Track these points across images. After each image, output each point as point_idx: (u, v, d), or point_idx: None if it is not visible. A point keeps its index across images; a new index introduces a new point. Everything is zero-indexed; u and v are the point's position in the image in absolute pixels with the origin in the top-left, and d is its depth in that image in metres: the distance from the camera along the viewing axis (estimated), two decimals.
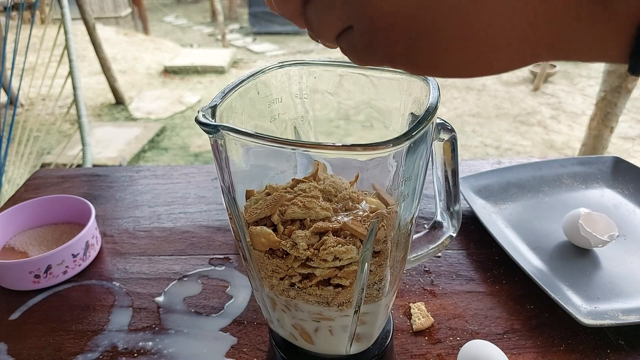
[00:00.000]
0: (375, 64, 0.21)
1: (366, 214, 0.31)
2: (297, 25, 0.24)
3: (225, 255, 0.60)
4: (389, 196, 0.32)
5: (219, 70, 4.50)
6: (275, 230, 0.30)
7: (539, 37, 0.17)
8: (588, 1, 0.16)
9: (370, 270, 0.30)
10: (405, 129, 0.26)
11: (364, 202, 0.33)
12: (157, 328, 0.49)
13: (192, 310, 0.52)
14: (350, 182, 0.35)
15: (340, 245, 0.29)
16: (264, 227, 0.30)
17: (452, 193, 0.38)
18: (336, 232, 0.30)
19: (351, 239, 0.29)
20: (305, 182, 0.33)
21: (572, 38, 0.17)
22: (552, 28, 0.17)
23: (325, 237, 0.29)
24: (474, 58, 0.19)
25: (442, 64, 0.19)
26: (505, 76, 4.13)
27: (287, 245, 0.29)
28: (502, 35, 0.18)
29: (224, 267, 0.58)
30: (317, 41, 0.25)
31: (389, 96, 0.35)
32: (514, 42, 0.18)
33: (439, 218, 0.40)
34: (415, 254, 0.40)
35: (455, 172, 0.37)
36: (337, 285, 0.30)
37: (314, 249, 0.29)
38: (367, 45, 0.20)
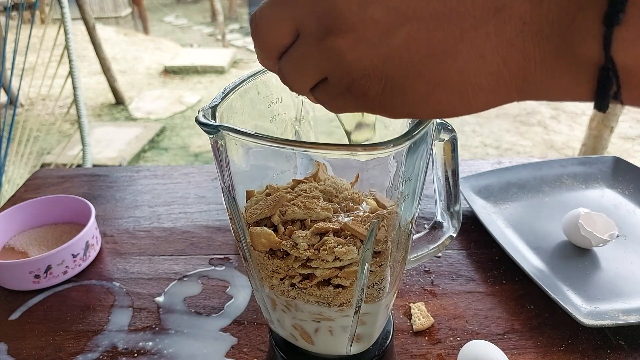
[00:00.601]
0: (352, 111, 0.22)
1: (366, 214, 0.31)
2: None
3: (225, 255, 0.60)
4: (387, 200, 0.32)
5: (219, 70, 4.50)
6: (275, 230, 0.30)
7: (510, 77, 0.18)
8: (550, 46, 0.17)
9: (370, 271, 0.30)
10: (406, 129, 0.26)
11: (364, 203, 0.33)
12: (157, 328, 0.49)
13: (192, 310, 0.52)
14: (350, 183, 0.35)
15: (341, 245, 0.29)
16: (265, 228, 0.30)
17: (452, 193, 0.38)
18: (336, 233, 0.30)
19: (351, 240, 0.29)
20: (306, 182, 0.33)
21: (540, 80, 0.18)
22: (520, 72, 0.18)
23: (325, 238, 0.29)
24: (451, 101, 0.19)
25: (420, 108, 0.20)
26: None
27: (288, 246, 0.29)
28: (476, 78, 0.18)
29: (224, 267, 0.58)
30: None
31: None
32: (488, 84, 0.18)
33: (439, 218, 0.40)
34: (416, 254, 0.40)
35: (455, 172, 0.37)
36: (337, 286, 0.30)
37: (315, 250, 0.29)
38: (343, 95, 0.21)
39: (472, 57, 0.18)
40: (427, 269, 0.56)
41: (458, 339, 0.47)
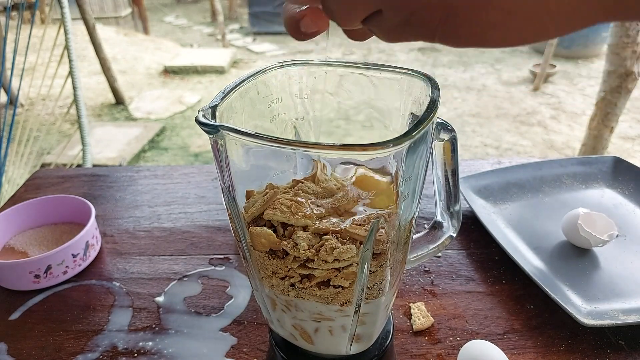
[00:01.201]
0: (410, 40, 0.20)
1: (366, 215, 0.31)
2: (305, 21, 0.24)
3: (225, 255, 0.60)
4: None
5: (219, 70, 4.50)
6: (275, 231, 0.30)
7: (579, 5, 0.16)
8: None
9: (370, 271, 0.30)
10: (406, 129, 0.26)
11: (362, 204, 0.33)
12: (157, 328, 0.49)
13: (192, 310, 0.52)
14: (348, 179, 0.35)
15: (341, 245, 0.29)
16: (264, 228, 0.30)
17: (452, 193, 0.38)
18: (337, 233, 0.30)
19: (351, 240, 0.29)
20: (304, 182, 0.34)
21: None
22: None
23: (326, 237, 0.29)
24: (523, 29, 0.17)
25: (488, 38, 0.18)
26: (505, 76, 4.14)
27: (289, 246, 0.29)
28: (555, 3, 0.16)
29: (224, 267, 0.58)
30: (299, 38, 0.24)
31: (389, 96, 0.35)
32: (567, 8, 0.16)
33: (439, 218, 0.40)
34: (416, 254, 0.40)
35: (455, 172, 0.37)
36: (337, 286, 0.30)
37: (315, 250, 0.29)
38: (401, 26, 0.19)
39: None
40: (427, 269, 0.56)
41: (458, 338, 0.47)
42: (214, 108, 0.29)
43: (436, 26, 0.18)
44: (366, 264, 0.29)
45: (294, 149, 0.26)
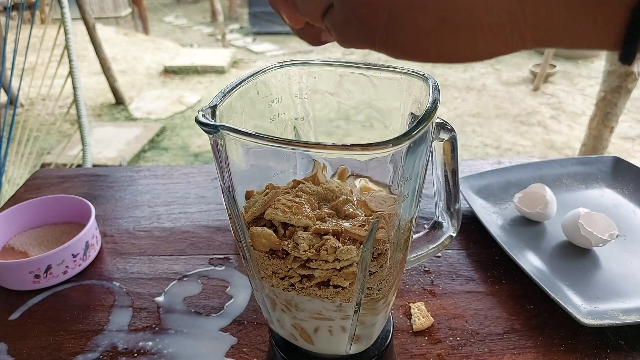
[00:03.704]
0: (357, 44, 0.20)
1: (366, 217, 0.31)
2: (283, 15, 0.24)
3: (225, 255, 0.60)
4: (381, 201, 0.31)
5: (219, 70, 4.50)
6: (275, 231, 0.30)
7: (524, 16, 0.16)
8: None
9: (370, 271, 0.30)
10: (405, 129, 0.26)
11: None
12: (157, 328, 0.49)
13: (192, 310, 0.52)
14: (341, 177, 0.35)
15: (341, 245, 0.29)
16: (265, 228, 0.30)
17: (452, 193, 0.38)
18: (337, 234, 0.30)
19: (352, 241, 0.29)
20: (305, 183, 0.34)
21: (559, 20, 0.16)
22: (538, 7, 0.16)
23: (326, 237, 0.29)
24: (456, 41, 0.17)
25: (423, 47, 0.18)
26: (505, 76, 4.14)
27: (289, 246, 0.29)
28: (487, 15, 0.16)
29: (224, 267, 0.58)
30: (304, 38, 0.25)
31: (389, 96, 0.35)
32: (499, 21, 0.17)
33: (439, 218, 0.40)
34: (415, 254, 0.40)
35: (455, 172, 0.37)
36: (337, 286, 0.30)
37: (315, 250, 0.29)
38: (346, 23, 0.19)
39: None
40: (427, 269, 0.56)
41: (458, 338, 0.47)
42: (213, 108, 0.29)
43: (376, 28, 0.18)
44: (366, 264, 0.29)
45: (294, 149, 0.26)
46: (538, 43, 0.17)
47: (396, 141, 0.25)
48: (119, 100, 3.71)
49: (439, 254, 0.58)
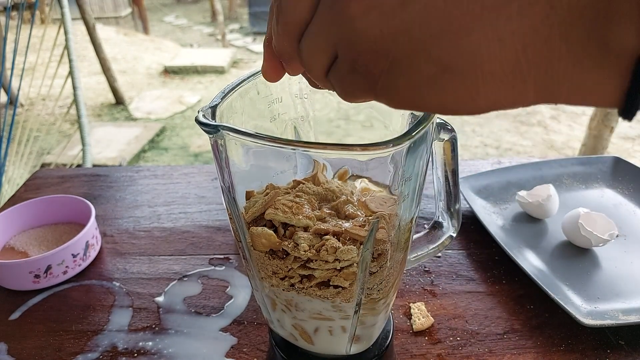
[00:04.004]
0: (359, 95, 0.20)
1: (366, 217, 0.31)
2: (289, 69, 0.25)
3: (225, 255, 0.60)
4: (382, 202, 0.31)
5: (219, 70, 4.50)
6: (276, 231, 0.30)
7: (528, 67, 0.16)
8: (579, 35, 0.15)
9: (370, 272, 0.30)
10: (406, 129, 0.26)
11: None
12: (157, 328, 0.49)
13: (192, 310, 0.52)
14: (341, 177, 0.35)
15: (341, 246, 0.29)
16: (265, 228, 0.30)
17: (452, 193, 0.38)
18: (337, 234, 0.30)
19: (352, 241, 0.29)
20: (305, 183, 0.34)
21: (563, 75, 0.16)
22: (542, 57, 0.16)
23: (326, 238, 0.29)
24: (457, 90, 0.17)
25: (424, 95, 0.18)
26: None
27: (290, 246, 0.29)
28: (489, 64, 0.16)
29: (224, 267, 0.58)
30: (317, 86, 0.25)
31: None
32: (502, 72, 0.16)
33: (439, 218, 0.40)
34: (416, 254, 0.40)
35: (455, 172, 0.37)
36: (337, 286, 0.30)
37: (315, 250, 0.29)
38: (351, 72, 0.19)
39: (489, 39, 0.16)
40: (427, 269, 0.56)
41: (458, 339, 0.47)
42: (214, 108, 0.29)
43: (379, 75, 0.18)
44: (366, 264, 0.29)
45: (294, 149, 0.26)
46: (540, 98, 0.17)
47: (396, 141, 0.25)
48: (119, 100, 3.71)
49: (439, 254, 0.58)
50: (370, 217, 0.30)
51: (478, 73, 0.17)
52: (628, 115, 0.16)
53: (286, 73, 0.26)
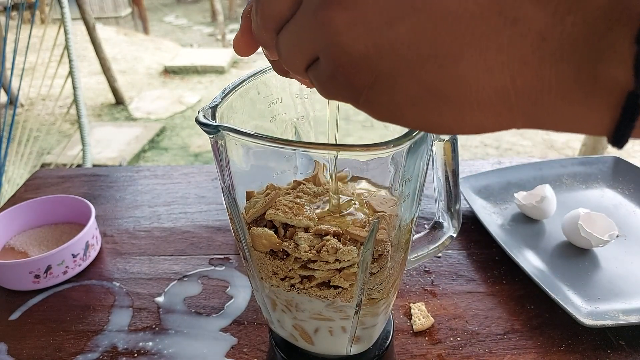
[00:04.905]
0: (340, 99, 0.20)
1: (366, 218, 0.31)
2: (269, 57, 0.24)
3: (225, 255, 0.60)
4: (382, 202, 0.31)
5: (219, 70, 4.50)
6: (276, 232, 0.30)
7: (516, 98, 0.16)
8: (569, 68, 0.15)
9: (371, 273, 0.30)
10: (406, 129, 0.26)
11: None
12: (157, 328, 0.49)
13: (192, 310, 0.52)
14: (342, 179, 0.35)
15: (342, 246, 0.29)
16: (266, 229, 0.30)
17: (452, 193, 0.38)
18: (337, 235, 0.30)
19: (352, 242, 0.29)
20: (305, 183, 0.33)
21: (552, 106, 0.16)
22: (530, 94, 0.16)
23: (326, 238, 0.29)
24: (441, 113, 0.17)
25: (406, 114, 0.18)
26: None
27: (290, 247, 0.29)
28: (477, 93, 0.16)
29: (224, 267, 0.58)
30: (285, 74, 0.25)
31: None
32: (489, 102, 0.16)
33: (439, 218, 0.40)
34: (416, 254, 0.40)
35: (455, 173, 0.37)
36: (337, 287, 0.30)
37: (315, 251, 0.29)
38: (331, 78, 0.19)
39: (477, 68, 0.16)
40: (427, 269, 0.56)
41: (458, 339, 0.47)
42: (214, 108, 0.29)
43: (361, 89, 0.18)
44: (367, 264, 0.29)
45: (294, 149, 0.26)
46: (527, 125, 0.17)
47: (397, 141, 0.25)
48: (119, 100, 3.70)
49: (440, 254, 0.58)
50: (370, 217, 0.30)
51: (465, 100, 0.16)
52: (617, 144, 0.16)
53: (287, 74, 0.26)
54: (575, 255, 0.55)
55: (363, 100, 0.19)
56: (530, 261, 0.54)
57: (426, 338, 0.47)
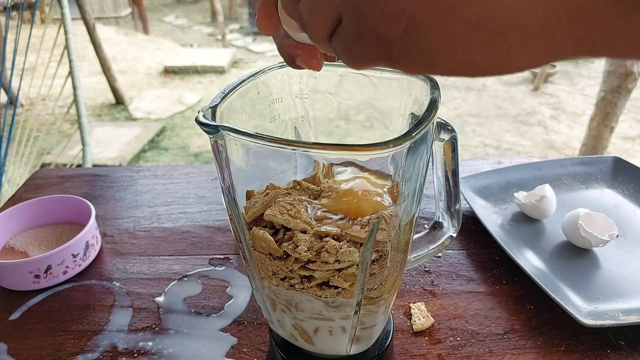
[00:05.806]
0: (369, 62, 0.18)
1: (366, 218, 0.31)
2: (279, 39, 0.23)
3: (225, 255, 0.60)
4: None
5: (219, 70, 4.50)
6: (277, 231, 0.30)
7: (566, 25, 0.15)
8: None
9: (370, 273, 0.30)
10: (406, 129, 0.26)
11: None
12: (157, 328, 0.49)
13: (192, 310, 0.52)
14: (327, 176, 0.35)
15: (341, 247, 0.29)
16: (266, 233, 0.30)
17: (452, 193, 0.38)
18: (337, 236, 0.30)
19: (352, 243, 0.29)
20: (306, 184, 0.33)
21: (606, 20, 0.14)
22: (582, 10, 0.14)
23: (326, 239, 0.29)
24: (488, 48, 0.15)
25: (450, 57, 0.16)
26: (505, 76, 4.13)
27: (290, 248, 0.29)
28: (524, 19, 0.15)
29: (224, 267, 0.58)
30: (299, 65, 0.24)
31: (389, 96, 0.35)
32: (538, 26, 0.15)
33: (439, 218, 0.40)
34: (416, 254, 0.40)
35: (455, 172, 0.37)
36: (337, 287, 0.30)
37: (315, 252, 0.29)
38: (357, 38, 0.17)
39: None
40: (427, 269, 0.56)
41: (458, 339, 0.47)
42: (214, 108, 0.29)
43: (394, 41, 0.16)
44: (366, 265, 0.29)
45: (294, 149, 0.26)
46: (580, 51, 0.15)
47: (397, 141, 0.25)
48: (119, 100, 3.71)
49: (440, 254, 0.58)
50: (371, 218, 0.30)
51: (512, 29, 0.15)
52: None
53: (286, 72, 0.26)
54: (575, 255, 0.55)
55: (397, 53, 0.17)
56: (530, 261, 0.54)
57: (426, 338, 0.47)
